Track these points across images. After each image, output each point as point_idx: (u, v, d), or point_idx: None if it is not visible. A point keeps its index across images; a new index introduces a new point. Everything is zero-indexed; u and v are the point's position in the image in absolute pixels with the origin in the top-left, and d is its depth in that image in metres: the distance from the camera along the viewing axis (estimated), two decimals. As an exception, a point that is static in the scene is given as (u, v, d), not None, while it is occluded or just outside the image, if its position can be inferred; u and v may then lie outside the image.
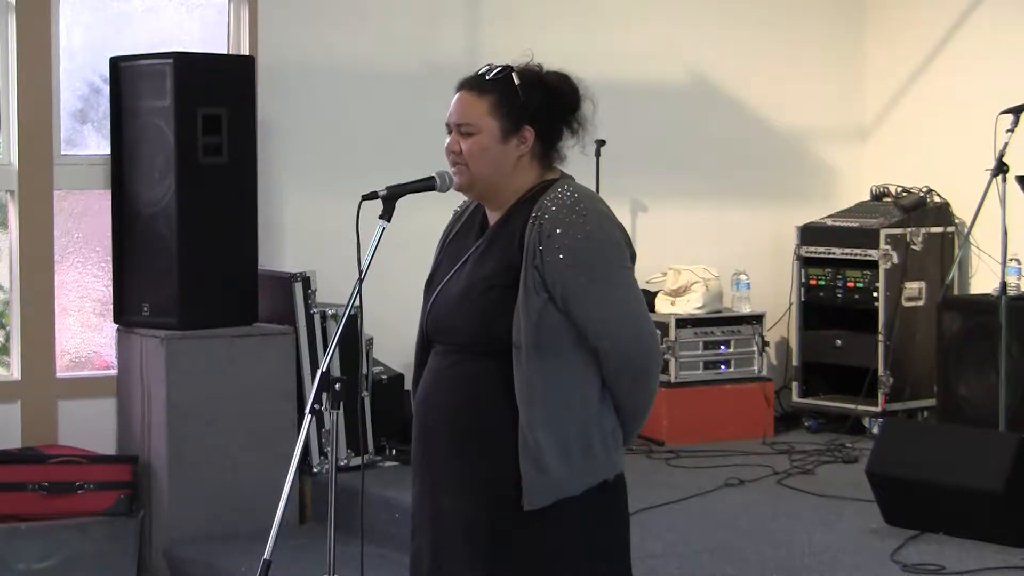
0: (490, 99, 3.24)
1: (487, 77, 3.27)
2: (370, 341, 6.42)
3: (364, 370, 6.28)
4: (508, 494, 3.17)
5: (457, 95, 3.28)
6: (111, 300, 6.30)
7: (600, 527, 3.26)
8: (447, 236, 3.42)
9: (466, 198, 3.42)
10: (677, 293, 7.27)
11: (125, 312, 6.22)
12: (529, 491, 3.16)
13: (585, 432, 3.20)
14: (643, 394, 3.28)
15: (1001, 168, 5.80)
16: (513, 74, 3.27)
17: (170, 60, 6.00)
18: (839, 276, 7.38)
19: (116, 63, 6.19)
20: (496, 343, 3.18)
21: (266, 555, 3.24)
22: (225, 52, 6.63)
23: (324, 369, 3.24)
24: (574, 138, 3.33)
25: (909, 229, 7.29)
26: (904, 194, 7.52)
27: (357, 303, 3.29)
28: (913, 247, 7.27)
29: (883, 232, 7.21)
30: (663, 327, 7.01)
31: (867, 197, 7.73)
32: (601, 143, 6.64)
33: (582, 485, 3.20)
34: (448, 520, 3.27)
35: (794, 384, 7.53)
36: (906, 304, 7.22)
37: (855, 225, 7.39)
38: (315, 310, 6.30)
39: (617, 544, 3.32)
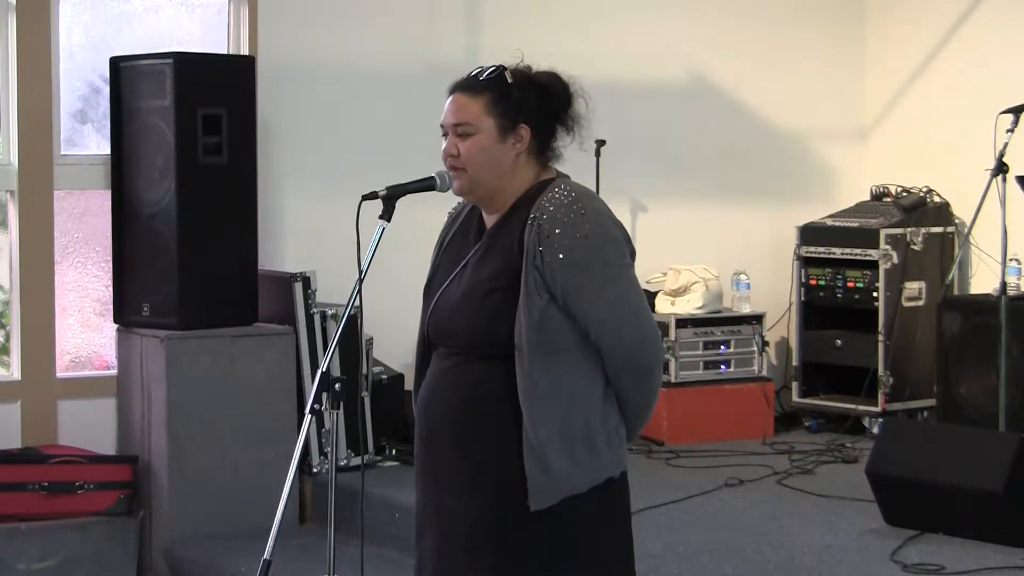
0: (485, 98, 3.24)
1: (480, 77, 3.27)
2: (370, 341, 6.42)
3: (364, 370, 6.28)
4: (513, 494, 3.17)
5: (451, 97, 3.28)
6: (111, 300, 6.30)
7: (606, 525, 3.27)
8: (444, 239, 3.42)
9: (461, 199, 3.41)
10: (677, 293, 7.27)
11: (125, 312, 6.22)
12: (535, 491, 3.16)
13: (589, 430, 3.20)
14: (646, 391, 3.28)
15: (1001, 168, 5.80)
16: (506, 72, 3.27)
17: (170, 60, 6.00)
18: (839, 276, 7.38)
19: (116, 63, 6.19)
20: (498, 345, 3.18)
21: (266, 555, 3.24)
22: (225, 52, 6.63)
23: (324, 369, 3.24)
24: (570, 136, 3.33)
25: (909, 229, 7.29)
26: (904, 194, 7.51)
27: (357, 303, 3.29)
28: (913, 247, 7.27)
29: (883, 232, 7.21)
30: (663, 327, 7.01)
31: (867, 197, 7.73)
32: (601, 143, 6.64)
33: (588, 483, 3.21)
34: (453, 521, 3.27)
35: (794, 384, 7.53)
36: (906, 304, 7.22)
37: (855, 225, 7.39)
38: (315, 310, 6.30)
39: (623, 541, 3.32)
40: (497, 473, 3.20)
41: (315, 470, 6.24)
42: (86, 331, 6.48)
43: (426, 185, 3.30)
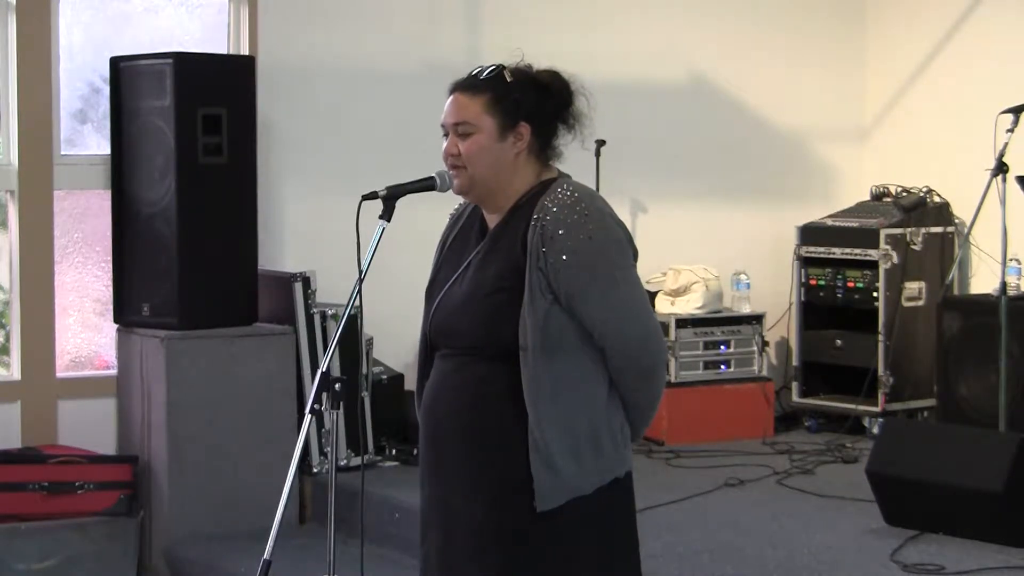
0: (484, 97, 3.24)
1: (480, 77, 3.27)
2: (370, 341, 6.42)
3: (364, 370, 6.28)
4: (519, 495, 3.17)
5: (451, 97, 3.28)
6: (111, 300, 6.30)
7: (612, 524, 3.27)
8: (446, 240, 3.41)
9: (463, 200, 3.41)
10: (677, 293, 7.27)
11: (125, 312, 6.22)
12: (541, 492, 3.16)
13: (594, 430, 3.20)
14: (649, 392, 3.28)
15: (1001, 168, 5.80)
16: (505, 72, 3.27)
17: (170, 60, 6.00)
18: (839, 276, 7.38)
19: (116, 63, 6.20)
20: (502, 346, 3.17)
21: (266, 555, 3.24)
22: (225, 52, 6.63)
23: (324, 369, 3.24)
24: (571, 134, 3.32)
25: (909, 229, 7.29)
26: (904, 194, 7.52)
27: (357, 303, 3.29)
28: (913, 247, 7.27)
29: (883, 232, 7.21)
30: (663, 327, 7.00)
31: (867, 197, 7.73)
32: (601, 143, 6.64)
33: (593, 484, 3.21)
34: (459, 522, 3.26)
35: (794, 384, 7.53)
36: (906, 304, 7.22)
37: (855, 225, 7.39)
38: (315, 310, 6.30)
39: (629, 541, 3.32)
40: (502, 474, 3.20)
41: (315, 470, 6.24)
42: (86, 331, 6.48)
43: (426, 185, 3.30)
